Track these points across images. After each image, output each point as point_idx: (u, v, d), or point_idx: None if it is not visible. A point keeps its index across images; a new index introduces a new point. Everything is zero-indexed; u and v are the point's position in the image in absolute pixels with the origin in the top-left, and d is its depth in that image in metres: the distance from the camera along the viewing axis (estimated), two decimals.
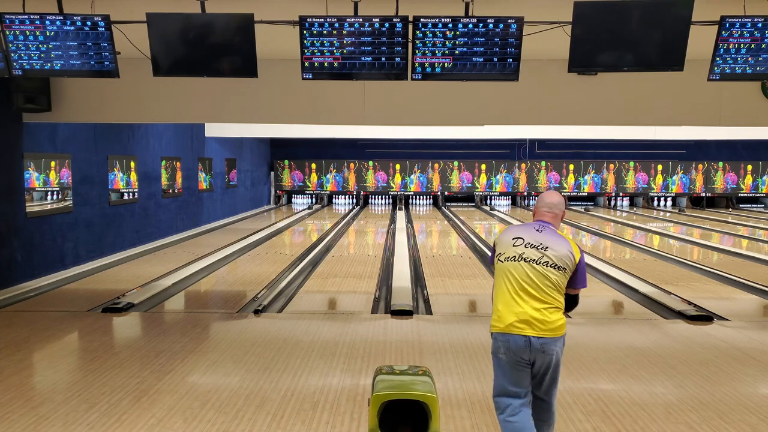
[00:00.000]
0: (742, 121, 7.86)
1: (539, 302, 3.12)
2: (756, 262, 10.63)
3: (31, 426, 3.98)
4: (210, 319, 6.69)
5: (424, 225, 16.99)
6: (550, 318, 3.12)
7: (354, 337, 5.93)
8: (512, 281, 3.18)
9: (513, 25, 5.03)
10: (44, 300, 7.57)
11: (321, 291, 8.32)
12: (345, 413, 4.17)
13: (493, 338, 3.24)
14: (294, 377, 4.84)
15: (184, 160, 14.23)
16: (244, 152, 19.74)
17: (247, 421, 4.03)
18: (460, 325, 6.44)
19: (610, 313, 7.33)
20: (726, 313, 6.94)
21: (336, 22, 5.08)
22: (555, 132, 19.26)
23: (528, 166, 22.92)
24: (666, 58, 4.99)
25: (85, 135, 9.77)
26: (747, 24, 4.92)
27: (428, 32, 5.07)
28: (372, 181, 23.13)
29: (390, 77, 5.23)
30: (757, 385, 4.90)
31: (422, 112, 7.85)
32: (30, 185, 8.44)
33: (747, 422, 4.09)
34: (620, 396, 4.53)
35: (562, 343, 3.19)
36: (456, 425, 4.00)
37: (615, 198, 23.45)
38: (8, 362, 5.21)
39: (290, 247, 12.59)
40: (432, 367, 4.73)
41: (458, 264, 10.24)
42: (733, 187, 22.96)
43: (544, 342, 3.11)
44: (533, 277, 3.13)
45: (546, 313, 3.11)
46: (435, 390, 3.16)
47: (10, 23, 5.13)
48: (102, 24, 5.12)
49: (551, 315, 3.12)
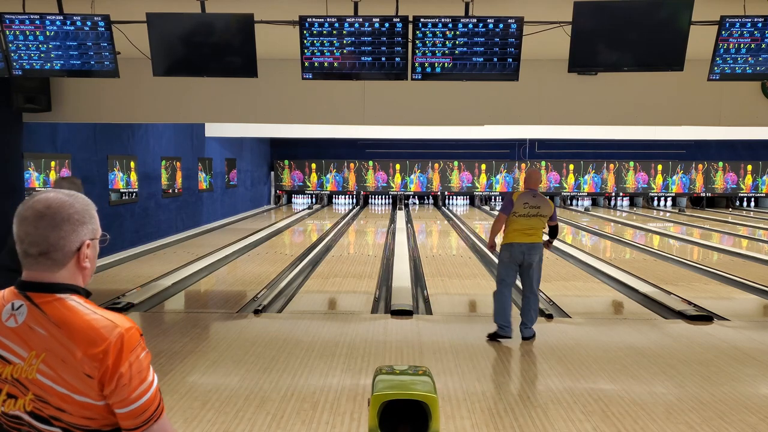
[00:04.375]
0: (742, 121, 7.86)
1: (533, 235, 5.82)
2: (756, 262, 10.63)
3: None
4: (210, 319, 6.69)
5: (424, 225, 17.00)
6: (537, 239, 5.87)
7: (354, 337, 5.93)
8: (522, 225, 5.80)
9: (513, 25, 5.03)
10: None
11: (321, 291, 8.32)
12: (345, 413, 4.17)
13: (503, 248, 5.87)
14: (294, 377, 4.84)
15: (184, 160, 14.24)
16: (244, 152, 19.74)
17: (247, 421, 4.03)
18: (460, 325, 6.44)
19: (610, 313, 7.33)
20: (726, 313, 6.94)
21: (336, 22, 5.08)
22: (555, 132, 19.25)
23: (528, 166, 22.91)
24: (666, 58, 4.99)
25: (85, 135, 9.77)
26: (747, 24, 4.91)
27: (428, 32, 5.07)
28: (372, 181, 23.14)
29: (390, 77, 5.23)
30: (757, 385, 4.90)
31: (422, 112, 7.85)
32: (30, 185, 8.45)
33: (747, 422, 4.09)
34: (620, 396, 4.53)
35: (541, 248, 5.89)
36: (456, 425, 4.00)
37: (615, 198, 23.45)
38: None
39: (290, 247, 12.59)
40: (432, 367, 4.73)
41: (458, 264, 10.25)
42: (733, 187, 22.96)
43: (531, 245, 5.80)
44: (533, 224, 5.82)
45: (534, 237, 5.82)
46: (435, 390, 3.16)
47: (10, 23, 5.13)
48: (102, 24, 5.12)
49: (538, 238, 5.88)
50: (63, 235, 1.48)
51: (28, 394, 1.46)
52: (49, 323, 1.44)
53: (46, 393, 1.44)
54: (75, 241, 1.50)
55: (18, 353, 1.45)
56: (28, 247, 1.48)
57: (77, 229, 1.51)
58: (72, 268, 1.52)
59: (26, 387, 1.45)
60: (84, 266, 1.54)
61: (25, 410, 1.47)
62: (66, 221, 1.49)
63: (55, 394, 1.44)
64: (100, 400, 1.44)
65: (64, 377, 1.43)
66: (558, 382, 4.68)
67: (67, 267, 1.50)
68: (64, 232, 1.48)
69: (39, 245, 1.47)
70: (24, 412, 1.47)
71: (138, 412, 1.44)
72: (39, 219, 1.47)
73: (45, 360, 1.43)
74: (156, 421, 1.47)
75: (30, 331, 1.44)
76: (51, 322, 1.44)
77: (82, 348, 1.41)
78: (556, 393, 4.56)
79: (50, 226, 1.47)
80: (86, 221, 1.54)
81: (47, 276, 1.49)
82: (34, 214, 1.47)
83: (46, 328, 1.44)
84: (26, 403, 1.46)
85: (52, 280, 1.49)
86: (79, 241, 1.51)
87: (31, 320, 1.45)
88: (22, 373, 1.45)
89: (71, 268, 1.51)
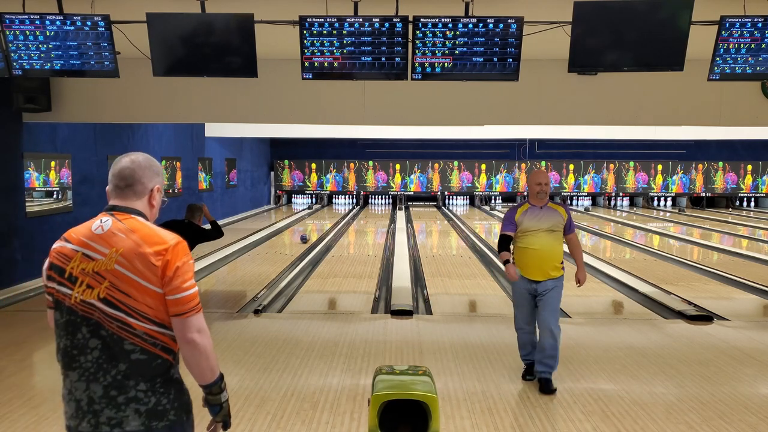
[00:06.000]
0: (742, 121, 7.85)
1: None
2: (756, 262, 10.64)
3: (31, 426, 3.98)
4: (210, 319, 6.68)
5: (423, 225, 17.00)
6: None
7: (354, 337, 5.93)
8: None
9: (513, 25, 5.03)
10: (44, 300, 7.55)
11: (321, 291, 8.32)
12: (345, 413, 4.17)
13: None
14: (294, 377, 4.84)
15: (184, 160, 14.23)
16: (244, 152, 19.74)
17: (247, 421, 4.03)
18: (460, 325, 6.44)
19: (610, 313, 7.33)
20: (726, 313, 6.94)
21: (336, 22, 5.07)
22: (555, 132, 19.26)
23: (528, 166, 22.91)
24: (666, 58, 4.99)
25: (85, 135, 9.77)
26: (747, 24, 4.91)
27: (428, 32, 5.07)
28: (372, 181, 23.14)
29: (390, 77, 5.23)
30: (757, 385, 4.90)
31: (422, 112, 7.85)
32: (30, 185, 8.45)
33: (747, 422, 4.09)
34: (620, 396, 4.53)
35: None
36: (456, 425, 4.00)
37: (615, 198, 23.45)
38: (8, 362, 5.21)
39: (290, 247, 12.59)
40: (432, 367, 4.73)
41: (458, 264, 10.24)
42: (733, 187, 22.96)
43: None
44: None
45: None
46: (435, 390, 3.16)
47: (10, 23, 5.13)
48: (102, 24, 5.12)
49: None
50: (144, 174, 2.10)
51: (104, 283, 1.95)
52: (126, 230, 2.00)
53: (119, 280, 1.95)
54: (150, 183, 2.12)
55: (101, 251, 1.98)
56: (119, 182, 2.08)
57: (152, 177, 2.13)
58: (145, 203, 2.11)
59: (103, 277, 1.96)
60: (153, 204, 2.14)
61: (99, 298, 1.96)
62: (147, 168, 2.12)
63: (127, 280, 1.95)
64: (159, 287, 1.95)
65: (136, 266, 1.95)
66: (558, 382, 4.68)
67: (142, 200, 2.10)
68: (145, 175, 2.10)
69: (127, 180, 2.08)
70: (97, 299, 1.96)
71: (183, 302, 1.96)
72: (130, 163, 2.10)
73: (123, 254, 1.96)
74: (195, 314, 2.00)
75: (113, 235, 1.99)
76: (128, 229, 2.00)
77: (151, 246, 1.97)
78: (556, 393, 4.55)
79: (137, 169, 2.09)
80: (159, 173, 2.16)
81: (128, 203, 2.08)
82: (128, 161, 2.10)
83: (124, 233, 1.99)
84: (101, 291, 1.96)
85: (131, 206, 2.08)
86: (152, 184, 2.12)
87: (114, 228, 2.00)
88: (102, 266, 1.97)
89: (145, 202, 2.11)
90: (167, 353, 2.01)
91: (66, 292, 1.99)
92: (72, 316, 1.98)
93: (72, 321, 1.98)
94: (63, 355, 2.03)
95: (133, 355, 1.95)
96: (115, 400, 1.95)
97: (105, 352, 1.96)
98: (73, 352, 2.00)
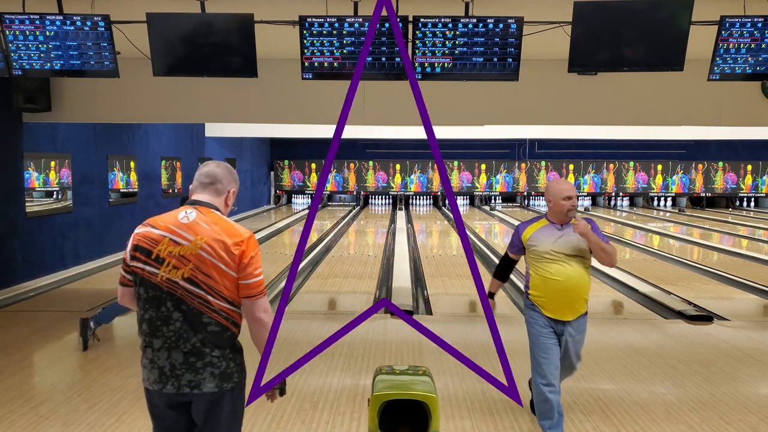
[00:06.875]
0: (742, 121, 7.85)
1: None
2: (756, 262, 10.64)
3: (31, 426, 3.98)
4: None
5: (424, 225, 16.99)
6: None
7: (354, 337, 5.92)
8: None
9: (513, 25, 5.03)
10: (44, 300, 7.57)
11: (321, 291, 8.32)
12: (345, 413, 4.17)
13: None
14: (294, 377, 4.84)
15: (184, 160, 14.23)
16: (244, 152, 19.73)
17: (246, 421, 4.01)
18: (460, 325, 6.44)
19: (610, 313, 7.33)
20: (726, 313, 6.94)
21: (336, 22, 5.07)
22: (555, 132, 19.26)
23: (528, 166, 22.92)
24: (666, 58, 4.99)
25: (85, 135, 9.77)
26: (747, 24, 4.91)
27: (428, 32, 5.07)
28: (372, 181, 23.13)
29: (390, 77, 5.23)
30: (757, 385, 4.90)
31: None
32: (30, 185, 8.45)
33: (747, 422, 4.09)
34: (620, 396, 4.53)
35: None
36: (456, 425, 4.00)
37: (615, 198, 23.45)
38: (8, 362, 5.21)
39: (290, 247, 12.59)
40: (432, 367, 4.72)
41: (458, 264, 10.24)
42: (733, 187, 22.96)
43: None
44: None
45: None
46: (435, 390, 3.16)
47: (10, 23, 5.12)
48: (102, 24, 5.12)
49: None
50: (225, 177, 2.50)
51: (188, 265, 2.31)
52: (209, 221, 2.37)
53: (202, 263, 2.31)
54: (229, 185, 2.52)
55: (187, 238, 2.33)
56: (204, 179, 2.48)
57: (231, 181, 2.53)
58: (222, 201, 2.49)
59: (188, 260, 2.31)
60: (228, 204, 2.52)
61: (183, 277, 2.31)
62: (228, 173, 2.53)
63: (209, 264, 2.31)
64: (235, 272, 2.33)
65: (219, 252, 2.31)
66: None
67: (220, 198, 2.49)
68: (226, 178, 2.51)
69: (211, 177, 2.48)
70: (182, 279, 2.31)
71: (254, 286, 2.36)
72: (216, 166, 2.52)
73: (207, 242, 2.32)
74: (263, 297, 2.39)
75: (197, 225, 2.35)
76: (211, 221, 2.37)
77: (230, 237, 2.34)
78: None
79: (221, 171, 2.50)
80: (236, 181, 2.56)
81: (210, 199, 2.46)
82: (214, 164, 2.53)
83: (207, 224, 2.36)
84: (185, 271, 2.31)
85: (212, 202, 2.46)
86: (231, 187, 2.52)
87: (198, 219, 2.37)
88: (188, 251, 2.32)
89: (222, 200, 2.49)
90: (235, 327, 2.40)
91: (152, 271, 2.33)
92: (157, 291, 2.32)
93: (157, 296, 2.32)
94: (148, 324, 2.36)
95: (210, 327, 2.32)
96: (194, 366, 2.32)
97: (186, 323, 2.31)
98: (157, 323, 2.34)
